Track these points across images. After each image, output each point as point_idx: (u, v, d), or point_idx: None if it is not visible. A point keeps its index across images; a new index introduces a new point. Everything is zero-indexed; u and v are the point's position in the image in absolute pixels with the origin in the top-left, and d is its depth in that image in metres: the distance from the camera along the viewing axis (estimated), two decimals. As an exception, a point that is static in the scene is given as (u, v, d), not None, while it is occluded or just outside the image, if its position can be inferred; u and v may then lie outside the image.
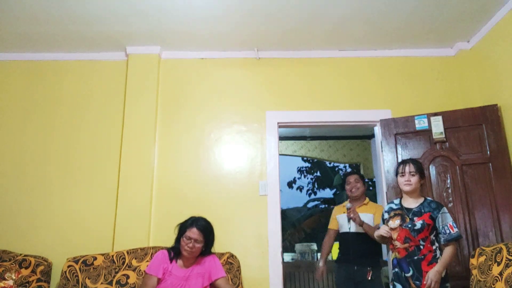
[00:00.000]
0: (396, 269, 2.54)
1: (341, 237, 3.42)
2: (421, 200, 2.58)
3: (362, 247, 3.23)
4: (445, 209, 2.51)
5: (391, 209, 2.65)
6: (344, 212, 3.38)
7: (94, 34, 3.33)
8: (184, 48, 3.58)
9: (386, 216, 2.66)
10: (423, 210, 2.51)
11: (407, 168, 2.58)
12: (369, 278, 3.16)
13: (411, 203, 2.59)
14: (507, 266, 2.18)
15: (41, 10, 3.00)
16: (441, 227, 2.45)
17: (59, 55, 3.62)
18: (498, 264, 2.26)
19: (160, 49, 3.55)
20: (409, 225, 2.49)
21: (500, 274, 2.20)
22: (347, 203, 3.33)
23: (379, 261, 3.37)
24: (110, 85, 3.55)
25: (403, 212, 2.57)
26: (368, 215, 3.25)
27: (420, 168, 2.62)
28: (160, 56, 3.60)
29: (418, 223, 2.47)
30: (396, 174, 2.69)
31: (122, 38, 3.41)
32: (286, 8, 3.03)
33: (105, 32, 3.31)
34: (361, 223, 3.17)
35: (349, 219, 3.25)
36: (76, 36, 3.36)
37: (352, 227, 3.27)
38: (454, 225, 2.45)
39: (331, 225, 3.55)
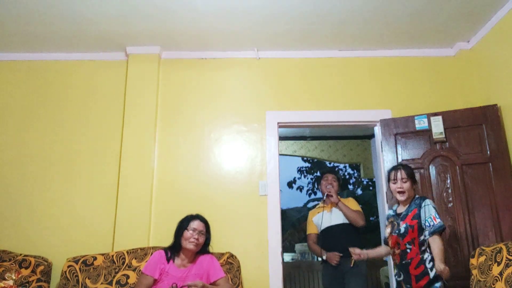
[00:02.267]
0: (396, 277, 2.55)
1: (322, 233, 3.42)
2: (410, 202, 2.56)
3: (344, 238, 3.25)
4: (427, 201, 2.46)
5: (389, 216, 2.67)
6: (318, 212, 3.49)
7: (94, 34, 3.33)
8: (184, 48, 3.58)
9: (386, 222, 2.69)
10: (409, 212, 2.49)
11: (398, 175, 2.54)
12: (352, 265, 3.12)
13: (403, 207, 2.58)
14: (507, 266, 2.18)
15: (41, 10, 3.00)
16: (424, 220, 2.40)
17: (59, 55, 3.62)
18: (498, 264, 2.25)
19: (160, 49, 3.55)
20: (397, 231, 2.49)
21: (500, 274, 2.20)
22: (328, 186, 3.44)
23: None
24: (110, 85, 3.55)
25: (394, 219, 2.58)
26: (345, 205, 3.39)
27: (411, 173, 2.58)
28: (160, 56, 3.60)
29: (402, 227, 2.46)
30: (388, 180, 2.64)
31: (122, 38, 3.41)
32: (286, 8, 3.03)
33: (105, 32, 3.31)
34: (336, 201, 3.34)
35: (326, 195, 3.40)
36: (76, 36, 3.36)
37: (332, 220, 3.35)
38: (437, 216, 2.39)
39: (311, 230, 3.54)
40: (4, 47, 3.52)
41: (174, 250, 2.59)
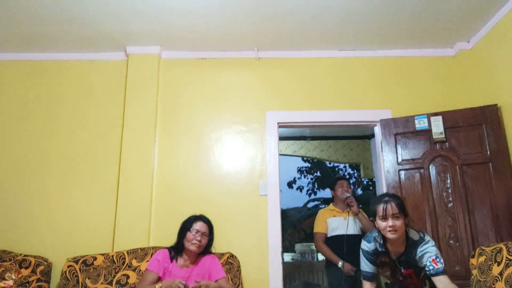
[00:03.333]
0: None
1: (334, 240, 3.45)
2: (405, 241, 2.24)
3: (357, 249, 3.24)
4: (424, 247, 2.18)
5: (377, 253, 2.32)
6: (334, 216, 3.52)
7: (94, 34, 3.33)
8: (184, 48, 3.58)
9: (370, 257, 2.34)
10: (410, 260, 2.23)
11: (389, 209, 2.14)
12: None
13: (397, 248, 2.27)
14: (507, 266, 2.18)
15: (41, 10, 3.00)
16: (425, 265, 2.17)
17: (59, 55, 3.62)
18: (498, 264, 2.25)
19: (160, 49, 3.55)
20: (400, 278, 2.30)
21: (500, 274, 2.20)
22: (345, 193, 3.49)
23: None
24: (110, 85, 3.55)
25: (390, 262, 2.29)
26: (364, 215, 3.48)
27: (403, 206, 2.20)
28: (160, 56, 3.60)
29: (404, 276, 2.30)
30: (374, 214, 2.23)
31: (122, 38, 3.41)
32: (286, 8, 3.03)
33: (105, 32, 3.31)
34: (357, 212, 3.41)
35: (347, 205, 3.45)
36: (76, 36, 3.36)
37: (349, 229, 3.39)
38: (438, 259, 2.12)
39: (320, 229, 3.53)
40: (4, 47, 3.52)
41: (177, 250, 2.60)
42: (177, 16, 3.11)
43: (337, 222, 3.47)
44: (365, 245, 2.36)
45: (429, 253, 2.14)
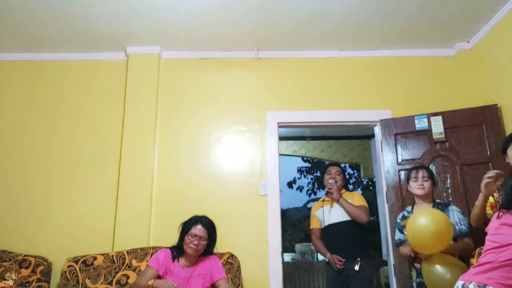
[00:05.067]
0: (419, 279, 2.51)
1: (324, 231, 3.28)
2: (431, 205, 2.61)
3: (347, 237, 3.11)
4: (452, 207, 2.60)
5: (403, 217, 2.69)
6: (322, 207, 3.31)
7: (94, 34, 3.33)
8: (184, 48, 3.58)
9: (400, 224, 2.70)
10: None
11: (420, 174, 2.64)
12: (356, 268, 3.00)
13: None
14: (507, 266, 2.18)
15: (41, 10, 3.00)
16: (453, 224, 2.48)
17: (59, 55, 3.62)
18: (498, 264, 2.25)
19: (160, 49, 3.55)
20: None
21: (500, 274, 2.19)
22: (329, 180, 3.26)
23: (368, 251, 3.28)
24: (110, 85, 3.55)
25: None
26: (348, 201, 3.22)
27: (432, 175, 2.69)
28: (160, 56, 3.60)
29: None
30: (408, 179, 2.73)
31: (122, 38, 3.41)
32: (286, 8, 3.03)
33: (105, 32, 3.31)
34: (337, 198, 3.17)
35: (326, 192, 3.27)
36: (76, 36, 3.36)
37: (334, 217, 3.19)
38: (462, 221, 2.52)
39: (314, 225, 3.38)
40: (4, 47, 3.52)
41: (178, 250, 2.61)
42: (177, 16, 3.11)
43: (323, 213, 3.25)
44: (397, 217, 2.79)
45: (454, 216, 2.52)
